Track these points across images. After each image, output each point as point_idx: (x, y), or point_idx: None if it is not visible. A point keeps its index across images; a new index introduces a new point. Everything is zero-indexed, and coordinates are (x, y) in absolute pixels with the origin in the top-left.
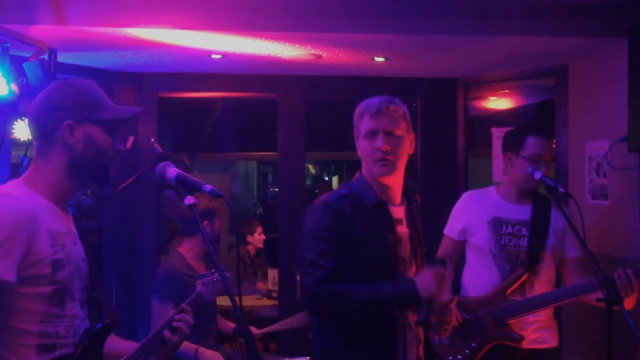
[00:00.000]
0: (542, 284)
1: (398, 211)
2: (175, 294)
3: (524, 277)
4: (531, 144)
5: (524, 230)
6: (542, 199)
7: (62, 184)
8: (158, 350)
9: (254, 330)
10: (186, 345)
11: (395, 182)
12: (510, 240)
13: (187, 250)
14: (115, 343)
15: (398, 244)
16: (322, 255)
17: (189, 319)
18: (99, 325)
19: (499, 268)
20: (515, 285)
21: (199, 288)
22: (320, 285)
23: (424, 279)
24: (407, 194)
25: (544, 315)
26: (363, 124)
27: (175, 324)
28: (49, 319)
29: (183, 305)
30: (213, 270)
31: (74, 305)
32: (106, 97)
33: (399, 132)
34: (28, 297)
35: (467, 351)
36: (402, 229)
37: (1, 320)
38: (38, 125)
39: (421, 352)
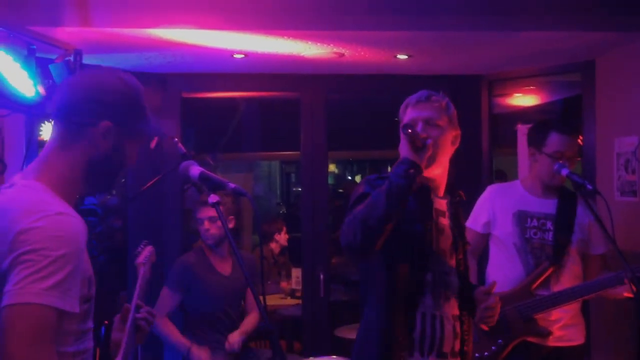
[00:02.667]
0: (568, 278)
1: (441, 203)
2: (186, 287)
3: (549, 271)
4: (553, 141)
5: (549, 224)
6: (569, 194)
7: (76, 184)
8: (134, 338)
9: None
10: (182, 340)
11: (437, 174)
12: (535, 234)
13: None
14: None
15: (440, 234)
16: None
17: (151, 310)
18: (102, 331)
19: (523, 262)
20: (541, 279)
21: (141, 270)
22: (346, 220)
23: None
24: (451, 189)
25: (570, 312)
26: (406, 115)
27: (139, 315)
28: (80, 336)
29: (138, 302)
30: (145, 242)
31: (92, 316)
32: (146, 105)
33: (440, 123)
34: (69, 319)
35: (493, 348)
36: (444, 221)
37: None
38: (72, 111)
39: (457, 347)
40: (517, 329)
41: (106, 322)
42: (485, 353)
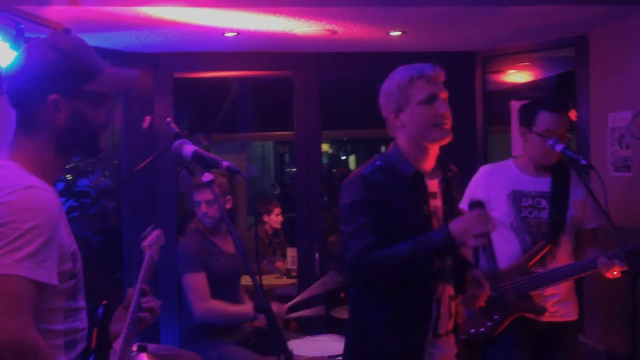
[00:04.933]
0: (563, 256)
1: (432, 184)
2: (203, 263)
3: (546, 249)
4: (543, 120)
5: (543, 202)
6: (561, 171)
7: (52, 162)
8: (136, 330)
9: (277, 307)
10: (240, 310)
11: (437, 150)
12: (530, 213)
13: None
14: None
15: (433, 217)
16: (361, 228)
17: (154, 299)
18: (100, 311)
19: (520, 240)
20: (538, 257)
21: (147, 252)
22: (361, 256)
23: (456, 224)
24: (441, 164)
25: (564, 289)
26: (417, 90)
27: (145, 305)
28: (69, 314)
29: (143, 286)
30: (153, 225)
31: (82, 295)
32: (96, 56)
33: (447, 98)
34: (54, 295)
35: (489, 324)
36: (437, 203)
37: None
38: (18, 96)
39: (450, 326)
40: (513, 305)
41: (104, 302)
42: (481, 329)
